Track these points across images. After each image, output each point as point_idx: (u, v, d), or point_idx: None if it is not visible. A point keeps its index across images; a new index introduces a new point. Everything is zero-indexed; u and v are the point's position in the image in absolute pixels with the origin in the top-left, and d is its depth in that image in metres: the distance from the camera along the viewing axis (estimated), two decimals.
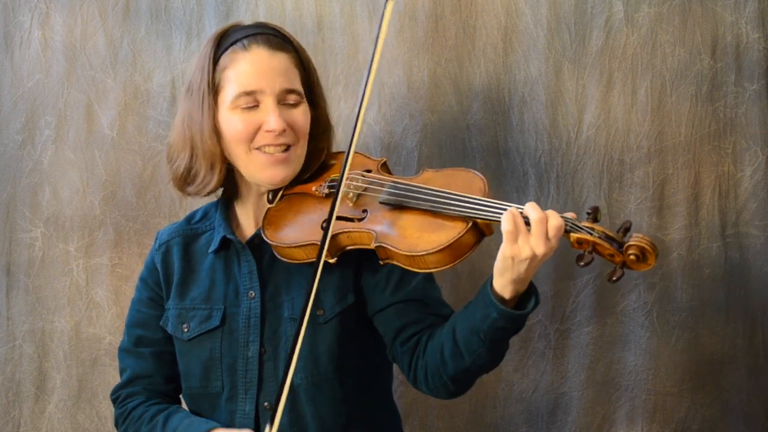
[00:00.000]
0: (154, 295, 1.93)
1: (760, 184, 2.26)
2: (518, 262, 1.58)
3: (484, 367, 1.71)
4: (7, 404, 2.38)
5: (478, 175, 1.74)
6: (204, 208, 1.99)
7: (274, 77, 1.79)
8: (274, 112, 1.78)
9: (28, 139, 2.35)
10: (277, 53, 1.81)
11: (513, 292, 1.62)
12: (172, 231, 1.96)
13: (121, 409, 1.93)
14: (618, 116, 2.26)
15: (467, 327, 1.67)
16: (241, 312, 1.85)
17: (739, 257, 2.28)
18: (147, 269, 1.96)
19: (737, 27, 2.24)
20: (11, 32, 2.34)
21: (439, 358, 1.71)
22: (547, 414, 2.32)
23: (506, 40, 2.27)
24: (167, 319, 1.90)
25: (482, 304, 1.64)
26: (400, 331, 1.79)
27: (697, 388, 2.30)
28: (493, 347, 1.67)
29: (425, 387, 1.77)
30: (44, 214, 2.35)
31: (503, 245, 1.58)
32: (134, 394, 1.93)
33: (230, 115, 1.80)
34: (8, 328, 2.37)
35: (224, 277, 1.87)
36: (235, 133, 1.80)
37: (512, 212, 1.58)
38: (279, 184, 1.85)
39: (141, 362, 1.93)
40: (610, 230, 1.61)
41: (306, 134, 1.84)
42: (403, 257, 1.69)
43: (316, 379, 1.80)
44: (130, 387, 1.93)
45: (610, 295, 2.29)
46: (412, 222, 1.71)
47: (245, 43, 1.81)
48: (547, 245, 1.58)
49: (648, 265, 1.59)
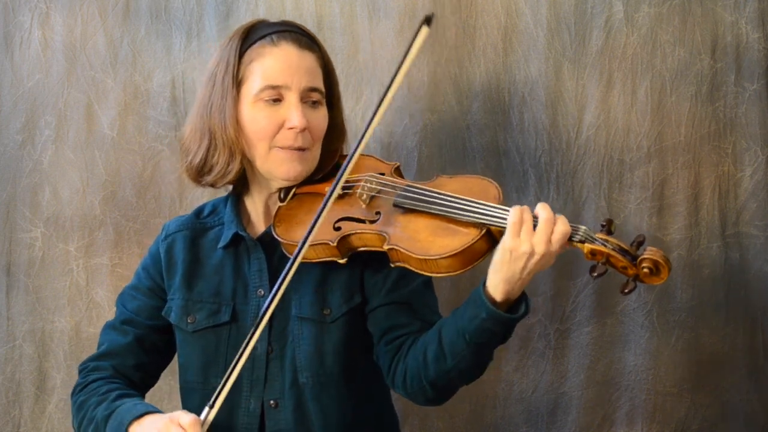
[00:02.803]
0: (154, 286, 1.92)
1: (760, 184, 2.26)
2: (515, 258, 1.59)
3: (464, 374, 1.70)
4: (7, 404, 2.38)
5: (492, 183, 1.75)
6: (213, 202, 1.99)
7: (301, 74, 1.80)
8: (297, 108, 1.79)
9: (28, 139, 2.35)
10: (305, 52, 1.83)
11: (504, 293, 1.63)
12: (180, 223, 1.95)
13: (83, 380, 1.90)
14: (618, 116, 2.26)
15: (454, 328, 1.67)
16: (249, 310, 1.84)
17: (739, 257, 2.28)
18: (151, 257, 1.95)
19: (737, 27, 2.24)
20: (11, 32, 2.34)
21: (422, 360, 1.71)
22: (547, 414, 2.32)
23: (506, 40, 2.27)
24: (170, 308, 1.89)
25: (473, 305, 1.65)
26: (386, 332, 1.80)
27: (697, 388, 2.30)
28: (477, 351, 1.66)
29: (403, 390, 1.77)
30: (44, 214, 2.35)
31: (504, 237, 1.61)
32: (100, 369, 1.90)
33: (252, 108, 1.81)
34: (8, 328, 2.37)
35: (233, 273, 1.87)
36: (258, 130, 1.80)
37: (522, 208, 1.61)
38: (293, 181, 1.84)
39: (120, 339, 1.90)
40: (624, 243, 1.62)
41: (321, 137, 1.85)
42: (416, 261, 1.70)
43: (321, 378, 1.81)
44: (99, 360, 1.91)
45: (610, 295, 2.29)
46: (426, 226, 1.72)
47: (274, 39, 1.82)
48: (547, 246, 1.59)
49: (661, 279, 1.61)
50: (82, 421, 1.84)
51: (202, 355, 1.86)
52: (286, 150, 1.80)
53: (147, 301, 1.92)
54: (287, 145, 1.80)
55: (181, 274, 1.89)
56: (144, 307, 1.92)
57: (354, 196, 1.82)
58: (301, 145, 1.81)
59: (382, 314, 1.81)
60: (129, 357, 1.90)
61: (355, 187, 1.83)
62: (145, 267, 1.95)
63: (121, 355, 1.90)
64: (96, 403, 1.82)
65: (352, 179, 1.84)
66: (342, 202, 1.81)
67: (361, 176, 1.84)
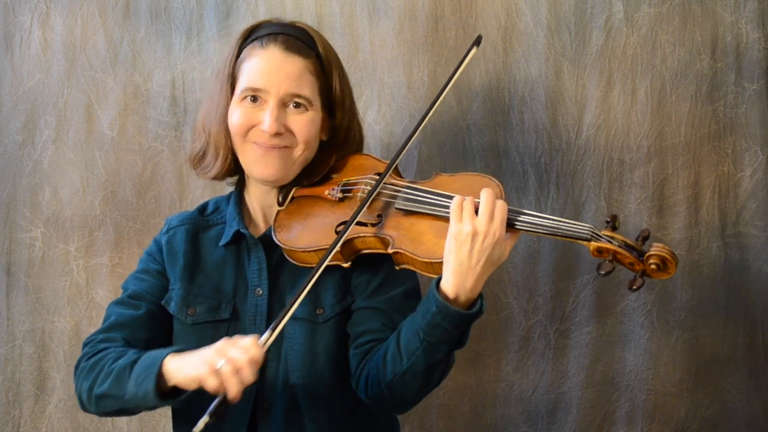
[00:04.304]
0: (162, 269, 1.90)
1: (760, 184, 2.26)
2: (461, 243, 1.61)
3: (418, 376, 1.67)
4: (7, 404, 2.38)
5: (493, 180, 1.75)
6: (216, 200, 1.99)
7: (281, 80, 1.80)
8: (272, 114, 1.79)
9: (28, 139, 2.35)
10: (292, 56, 1.82)
11: (456, 286, 1.62)
12: (183, 218, 1.95)
13: (91, 350, 1.80)
14: (618, 116, 2.26)
15: (411, 327, 1.67)
16: (248, 308, 1.84)
17: (739, 257, 2.28)
18: (156, 244, 1.94)
19: (737, 27, 2.24)
20: (11, 32, 2.34)
21: (381, 361, 1.71)
22: (547, 414, 2.32)
23: (506, 40, 2.27)
24: (170, 298, 1.87)
25: (426, 300, 1.66)
26: (358, 336, 1.79)
27: (697, 388, 2.30)
28: (430, 350, 1.65)
29: (365, 394, 1.76)
30: (44, 214, 2.35)
31: (449, 226, 1.64)
32: (112, 340, 1.80)
33: (236, 106, 1.83)
34: (8, 328, 2.37)
35: (234, 271, 1.87)
36: (233, 124, 1.82)
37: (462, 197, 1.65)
38: (272, 181, 1.84)
39: (131, 312, 1.84)
40: (630, 239, 1.61)
41: (309, 140, 1.83)
42: (421, 264, 1.69)
43: (313, 378, 1.80)
44: (109, 332, 1.82)
45: (610, 295, 2.29)
46: (428, 228, 1.71)
47: (264, 41, 1.83)
48: (489, 224, 1.61)
49: (668, 274, 1.61)
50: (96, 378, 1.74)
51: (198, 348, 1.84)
52: (260, 146, 1.81)
53: (155, 282, 1.89)
54: (260, 141, 1.80)
55: (182, 266, 1.88)
56: (153, 288, 1.88)
57: (354, 200, 1.81)
58: (278, 144, 1.80)
59: (358, 317, 1.81)
60: (141, 330, 1.83)
61: (355, 190, 1.82)
62: (150, 253, 1.94)
63: (132, 327, 1.83)
64: (114, 358, 1.74)
65: (351, 182, 1.84)
66: (343, 206, 1.80)
67: (360, 179, 1.83)
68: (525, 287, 2.30)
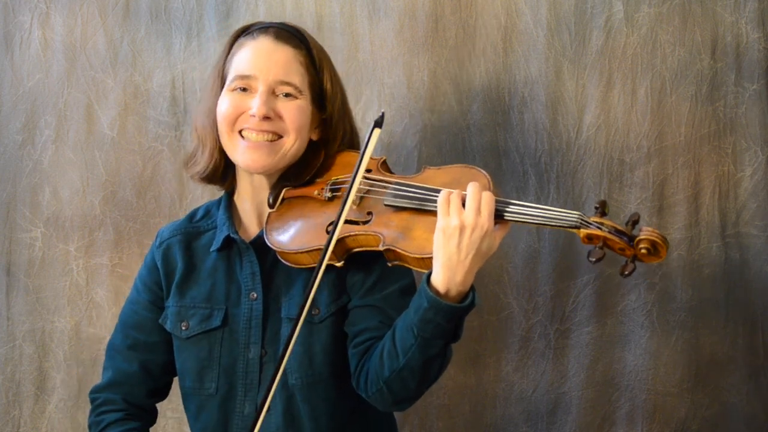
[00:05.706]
0: (154, 298, 1.91)
1: (760, 184, 2.26)
2: (448, 236, 1.60)
3: (415, 373, 1.67)
4: (7, 404, 2.38)
5: (481, 171, 1.73)
6: (206, 206, 1.98)
7: (270, 66, 1.80)
8: (261, 97, 1.79)
9: (28, 139, 2.35)
10: (282, 45, 1.82)
11: (446, 281, 1.61)
12: (173, 229, 1.95)
13: (97, 419, 1.90)
14: (618, 116, 2.26)
15: (405, 324, 1.67)
16: (241, 313, 1.84)
17: (739, 257, 2.28)
18: (147, 268, 1.94)
19: (737, 27, 2.24)
20: (11, 32, 2.34)
21: (378, 359, 1.71)
22: (547, 414, 2.32)
23: (506, 40, 2.27)
24: (166, 317, 1.88)
25: (417, 296, 1.65)
26: (356, 335, 1.79)
27: (697, 388, 2.30)
28: (425, 346, 1.64)
29: (365, 392, 1.76)
30: (44, 214, 2.35)
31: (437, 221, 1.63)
32: (112, 402, 1.90)
33: (224, 96, 1.83)
34: (8, 328, 2.37)
35: (226, 277, 1.87)
36: (222, 112, 1.82)
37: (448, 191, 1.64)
38: (259, 171, 1.83)
39: (126, 367, 1.91)
40: (619, 224, 1.60)
41: (299, 129, 1.82)
42: (414, 260, 1.69)
43: (311, 379, 1.80)
44: (109, 391, 1.91)
45: (610, 295, 2.29)
46: (419, 223, 1.71)
47: (255, 34, 1.84)
48: (476, 217, 1.60)
49: (660, 258, 1.60)
50: None
51: (196, 360, 1.85)
52: (248, 140, 1.80)
53: (147, 315, 1.91)
54: (248, 127, 1.80)
55: (176, 282, 1.89)
56: (145, 322, 1.91)
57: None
58: (268, 129, 1.80)
59: (355, 316, 1.80)
60: (137, 386, 1.91)
61: (343, 188, 1.81)
62: (142, 279, 1.94)
63: (129, 384, 1.91)
64: None
65: (339, 180, 1.83)
66: (333, 205, 1.80)
67: (348, 177, 1.82)
68: (525, 287, 2.30)
